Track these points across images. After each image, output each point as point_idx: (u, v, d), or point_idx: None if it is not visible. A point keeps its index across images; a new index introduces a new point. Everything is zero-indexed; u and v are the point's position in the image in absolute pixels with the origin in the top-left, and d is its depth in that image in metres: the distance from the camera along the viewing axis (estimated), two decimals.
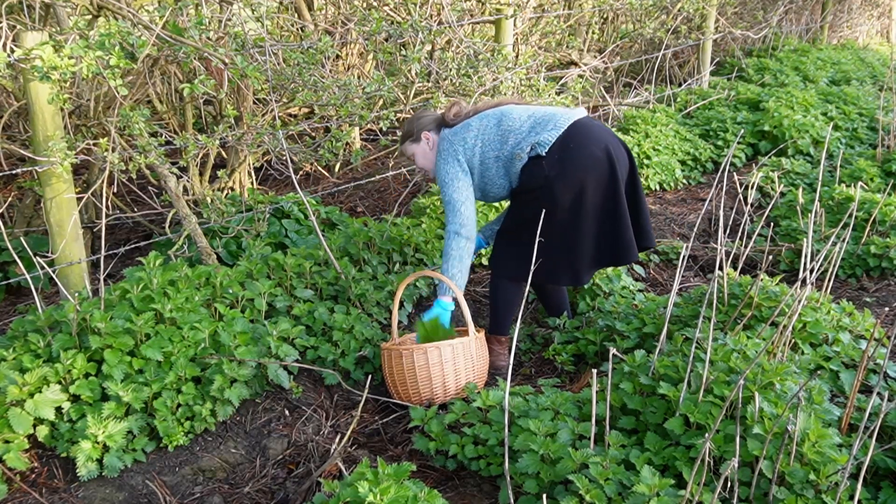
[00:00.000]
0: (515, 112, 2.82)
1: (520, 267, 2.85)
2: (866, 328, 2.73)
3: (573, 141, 2.70)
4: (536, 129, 2.74)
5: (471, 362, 2.74)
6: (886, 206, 3.81)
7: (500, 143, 2.78)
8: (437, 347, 2.67)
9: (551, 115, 2.77)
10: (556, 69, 5.92)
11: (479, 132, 2.82)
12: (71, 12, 3.17)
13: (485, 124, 2.82)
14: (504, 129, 2.79)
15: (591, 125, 2.78)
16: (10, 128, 3.55)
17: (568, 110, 2.82)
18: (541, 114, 2.80)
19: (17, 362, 2.35)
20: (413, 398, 2.70)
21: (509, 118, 2.80)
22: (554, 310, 3.22)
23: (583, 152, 2.69)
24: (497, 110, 2.87)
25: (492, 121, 2.82)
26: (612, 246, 2.80)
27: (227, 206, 3.49)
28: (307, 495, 2.26)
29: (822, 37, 9.11)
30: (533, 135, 2.73)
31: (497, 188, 2.86)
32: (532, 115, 2.80)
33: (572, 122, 2.74)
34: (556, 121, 2.74)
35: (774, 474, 1.85)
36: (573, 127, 2.73)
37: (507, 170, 2.80)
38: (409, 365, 2.66)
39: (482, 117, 2.86)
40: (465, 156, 2.81)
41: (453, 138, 2.84)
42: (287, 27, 4.92)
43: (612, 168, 2.70)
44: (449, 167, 2.81)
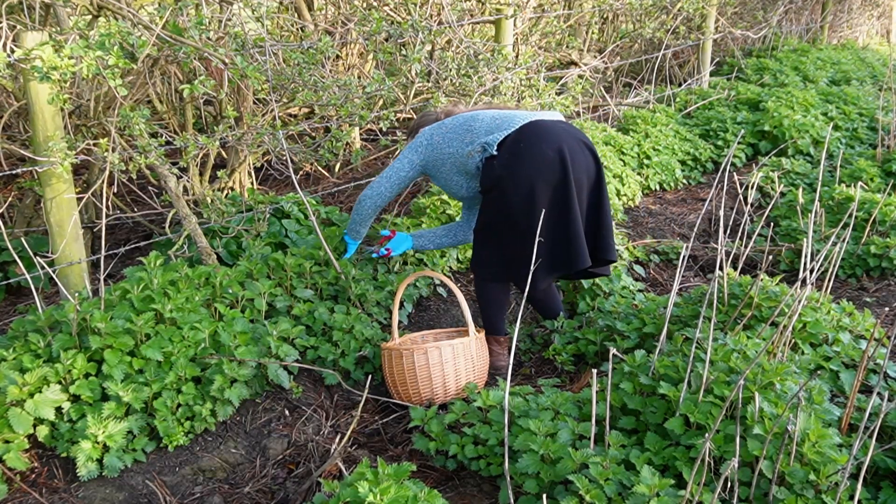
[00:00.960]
0: (485, 114, 2.85)
1: (497, 265, 2.87)
2: (866, 328, 2.73)
3: (524, 140, 2.69)
4: (492, 128, 2.76)
5: (471, 362, 2.74)
6: (886, 206, 3.81)
7: (459, 141, 2.82)
8: (437, 347, 2.67)
9: (511, 116, 2.78)
10: (556, 69, 5.92)
11: (447, 129, 2.88)
12: (71, 12, 3.16)
13: (454, 122, 2.89)
14: (467, 128, 2.83)
15: (549, 126, 2.73)
16: (10, 128, 3.55)
17: (534, 112, 2.82)
18: (504, 115, 2.81)
19: (17, 362, 2.35)
20: (413, 398, 2.71)
21: (476, 119, 2.84)
22: (548, 313, 3.21)
23: (532, 151, 2.66)
24: (473, 112, 2.93)
25: (460, 119, 2.88)
26: (562, 249, 2.74)
27: (227, 206, 3.49)
28: (307, 495, 2.26)
29: (822, 37, 9.11)
30: (486, 134, 2.76)
31: (454, 185, 2.92)
32: (496, 117, 2.81)
33: (528, 122, 2.73)
34: (513, 121, 2.74)
35: (774, 474, 1.85)
36: (527, 127, 2.72)
37: (460, 168, 2.84)
38: (409, 365, 2.67)
39: (456, 117, 2.92)
40: (427, 151, 2.89)
41: (425, 132, 2.93)
42: (287, 27, 4.92)
43: (563, 169, 2.64)
44: (404, 157, 2.92)
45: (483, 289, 2.97)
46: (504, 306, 3.01)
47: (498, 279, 2.92)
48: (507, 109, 2.96)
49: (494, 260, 2.86)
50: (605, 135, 5.03)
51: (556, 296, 3.22)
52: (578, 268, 2.76)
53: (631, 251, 3.90)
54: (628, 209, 4.67)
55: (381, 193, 2.96)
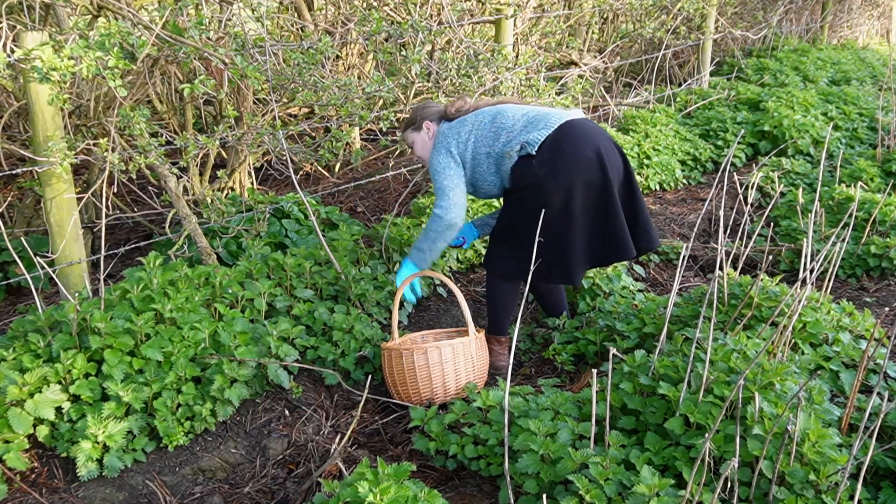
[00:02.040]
0: (511, 111, 2.84)
1: (514, 266, 2.86)
2: (866, 328, 2.73)
3: (565, 141, 2.70)
4: (528, 127, 2.76)
5: (471, 362, 2.74)
6: (886, 206, 3.81)
7: (493, 140, 2.80)
8: (437, 347, 2.67)
9: (545, 115, 2.78)
10: (556, 69, 5.92)
11: (474, 127, 2.85)
12: (71, 12, 3.16)
13: (479, 120, 2.86)
14: (497, 125, 2.81)
15: (583, 126, 2.78)
16: (10, 128, 3.55)
17: (563, 111, 2.83)
18: (535, 113, 2.81)
19: (17, 362, 2.35)
20: (413, 398, 2.71)
21: (504, 116, 2.82)
22: (552, 310, 3.22)
23: (574, 152, 2.68)
24: (494, 108, 2.90)
25: (487, 117, 2.85)
26: (605, 245, 2.79)
27: (227, 206, 3.49)
28: (307, 495, 2.26)
29: (822, 37, 9.11)
30: (524, 133, 2.75)
31: (488, 185, 2.88)
32: (526, 114, 2.82)
33: (564, 122, 2.74)
34: (549, 120, 2.75)
35: (774, 474, 1.85)
36: (565, 127, 2.73)
37: (497, 167, 2.82)
38: (409, 365, 2.67)
39: (478, 114, 2.89)
40: (458, 149, 2.85)
41: (448, 132, 2.88)
42: (287, 27, 4.92)
43: (602, 169, 2.69)
44: (441, 157, 2.85)
45: (495, 287, 2.96)
46: (512, 307, 3.01)
47: (516, 277, 2.92)
48: (524, 105, 2.95)
49: (514, 258, 2.84)
50: None
51: (564, 294, 3.23)
52: (624, 258, 2.83)
53: None
54: None
55: (461, 203, 2.84)
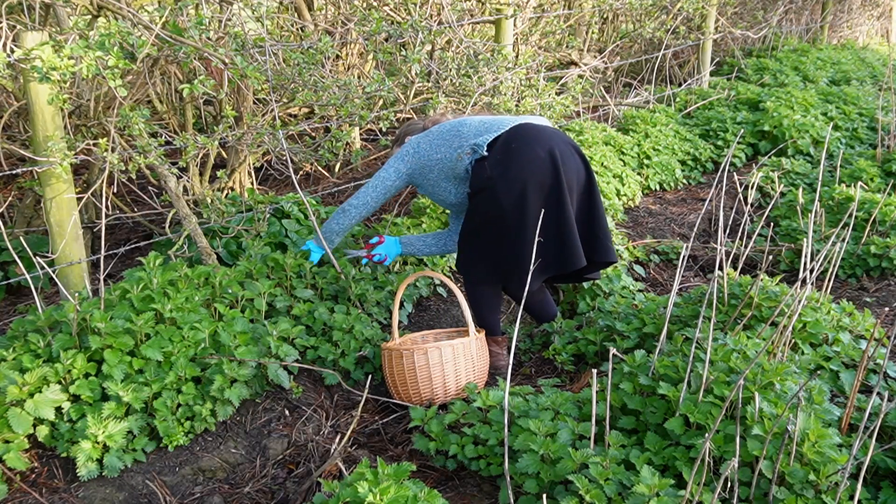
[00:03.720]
0: (473, 120, 2.86)
1: (484, 270, 2.87)
2: (866, 328, 2.73)
3: (515, 141, 2.70)
4: (481, 131, 2.76)
5: (471, 363, 2.74)
6: (886, 206, 3.81)
7: (448, 147, 2.81)
8: (437, 348, 2.67)
9: (500, 120, 2.80)
10: (556, 69, 5.92)
11: (434, 136, 2.87)
12: (71, 12, 3.16)
13: (441, 129, 2.89)
14: (455, 133, 2.83)
15: (538, 128, 2.76)
16: (10, 128, 3.55)
17: (521, 116, 2.84)
18: (492, 120, 2.82)
19: (17, 362, 2.35)
20: (413, 398, 2.71)
21: (465, 125, 2.84)
22: (543, 317, 3.20)
23: (524, 152, 2.67)
24: (460, 118, 2.93)
25: (448, 126, 2.88)
26: (554, 251, 2.74)
27: (227, 206, 3.49)
28: (307, 495, 2.26)
29: (822, 37, 9.11)
30: (476, 137, 2.75)
31: (443, 192, 2.90)
32: (484, 121, 2.82)
33: (517, 124, 2.74)
34: (502, 124, 2.76)
35: (774, 474, 1.85)
36: (518, 128, 2.73)
37: (449, 173, 2.83)
38: (410, 365, 2.67)
39: (443, 124, 2.92)
40: (414, 159, 2.88)
41: (412, 142, 2.93)
42: (287, 27, 4.92)
43: (555, 170, 2.66)
44: (390, 167, 2.91)
45: (473, 291, 2.96)
46: (497, 306, 3.00)
47: (488, 282, 2.91)
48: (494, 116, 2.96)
49: (484, 262, 2.85)
50: (605, 135, 5.03)
51: (550, 299, 3.21)
52: (573, 268, 2.76)
53: (631, 251, 3.90)
54: (628, 209, 4.67)
55: (367, 203, 2.95)
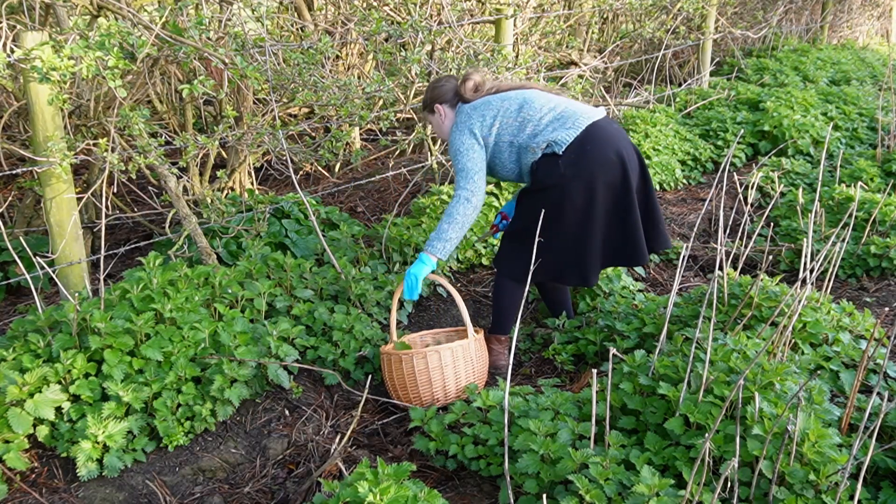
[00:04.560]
0: (537, 101, 2.80)
1: (524, 267, 2.84)
2: (866, 328, 2.73)
3: (590, 142, 2.71)
4: (555, 124, 2.74)
5: (470, 365, 2.74)
6: (886, 206, 3.81)
7: (518, 130, 2.77)
8: (436, 352, 2.67)
9: (571, 113, 2.76)
10: (556, 69, 5.92)
11: (499, 113, 2.80)
12: (71, 12, 3.16)
13: (506, 106, 2.80)
14: (524, 116, 2.78)
15: (608, 128, 2.78)
16: (10, 128, 3.55)
17: (588, 109, 2.81)
18: (562, 109, 2.78)
19: (17, 362, 2.35)
20: (413, 401, 2.71)
21: (531, 106, 2.78)
22: (555, 310, 3.22)
23: (598, 155, 2.70)
24: (520, 95, 2.84)
25: (513, 105, 2.80)
26: (622, 248, 2.81)
27: (227, 206, 3.49)
28: (307, 495, 2.26)
29: (822, 37, 9.11)
30: (550, 131, 2.73)
31: (505, 171, 2.86)
32: (553, 108, 2.78)
33: (591, 123, 2.74)
34: (576, 119, 2.74)
35: (774, 474, 1.85)
36: (592, 128, 2.73)
37: (518, 157, 2.80)
38: (409, 370, 2.67)
39: (504, 98, 2.83)
40: (482, 132, 2.80)
41: (472, 112, 2.83)
42: (287, 27, 4.92)
43: (624, 172, 2.72)
44: (464, 137, 2.79)
45: (504, 287, 2.95)
46: (518, 308, 2.96)
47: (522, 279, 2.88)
48: (549, 96, 2.87)
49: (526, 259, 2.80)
50: None
51: (568, 293, 3.22)
52: (637, 264, 2.86)
53: None
54: None
55: (483, 187, 2.80)
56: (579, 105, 2.84)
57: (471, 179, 2.76)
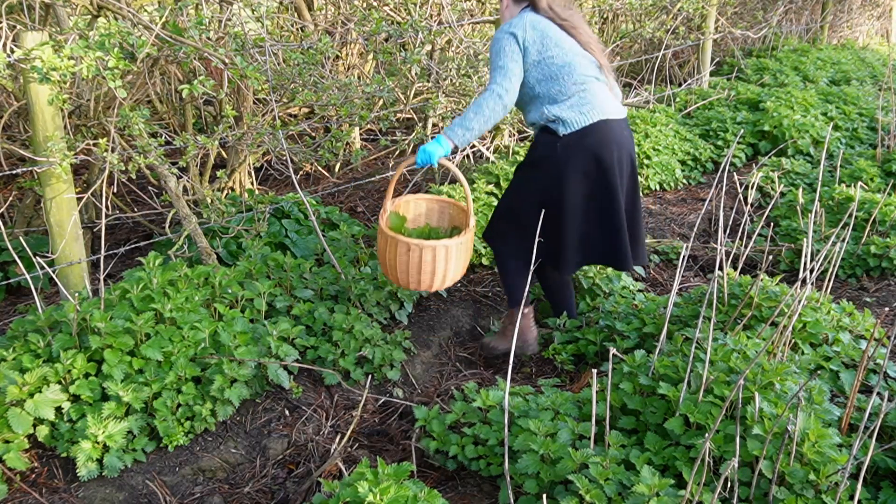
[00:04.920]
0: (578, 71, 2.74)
1: (516, 247, 2.89)
2: (866, 328, 2.73)
3: (593, 137, 2.72)
4: (573, 103, 2.73)
5: (463, 257, 2.77)
6: (886, 206, 3.81)
7: (547, 80, 2.73)
8: (432, 248, 2.67)
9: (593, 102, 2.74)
10: None
11: (546, 52, 2.73)
12: (71, 12, 3.16)
13: (555, 53, 2.73)
14: (560, 74, 2.73)
15: (618, 130, 2.78)
16: (10, 128, 3.55)
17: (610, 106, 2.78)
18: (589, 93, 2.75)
19: (17, 362, 2.35)
20: (400, 281, 2.76)
21: (571, 71, 2.73)
22: (556, 308, 3.22)
23: (596, 151, 2.72)
24: (572, 54, 2.75)
25: (561, 57, 2.74)
26: (602, 248, 2.84)
27: (227, 206, 3.49)
28: (307, 495, 2.26)
29: (822, 37, 9.11)
30: (567, 107, 2.72)
31: (521, 100, 2.82)
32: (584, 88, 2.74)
33: (603, 120, 2.74)
34: (593, 109, 2.73)
35: (774, 474, 1.85)
36: (602, 124, 2.74)
37: (530, 99, 2.79)
38: (403, 256, 2.70)
39: (560, 44, 2.74)
40: (524, 44, 2.72)
41: (531, 27, 2.74)
42: (287, 27, 4.92)
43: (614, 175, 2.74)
44: (512, 41, 2.72)
45: (506, 267, 3.00)
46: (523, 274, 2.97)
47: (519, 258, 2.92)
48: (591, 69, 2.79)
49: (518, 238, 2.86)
50: None
51: (571, 292, 3.21)
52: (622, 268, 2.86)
53: None
54: None
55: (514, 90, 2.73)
56: (605, 97, 2.80)
57: (507, 78, 2.70)
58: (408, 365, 3.02)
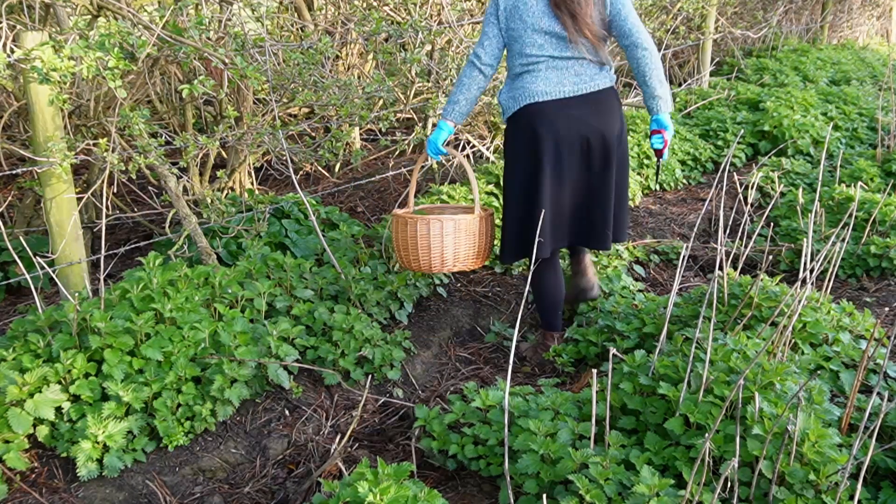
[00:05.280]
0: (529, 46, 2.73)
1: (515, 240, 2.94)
2: (866, 328, 2.73)
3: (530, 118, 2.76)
4: (511, 84, 2.82)
5: (472, 239, 2.90)
6: (886, 206, 3.81)
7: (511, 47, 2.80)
8: (439, 220, 2.85)
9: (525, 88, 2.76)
10: None
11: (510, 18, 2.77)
12: (71, 12, 3.16)
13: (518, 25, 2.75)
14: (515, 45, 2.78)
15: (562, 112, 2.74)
16: (10, 128, 3.55)
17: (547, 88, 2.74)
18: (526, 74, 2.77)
19: (17, 362, 2.35)
20: (412, 264, 2.95)
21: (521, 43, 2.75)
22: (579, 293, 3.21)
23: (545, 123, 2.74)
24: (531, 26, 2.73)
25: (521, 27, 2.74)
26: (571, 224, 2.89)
27: (227, 206, 3.49)
28: (307, 495, 2.26)
29: (822, 37, 9.11)
30: (507, 90, 2.83)
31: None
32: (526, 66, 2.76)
33: (536, 103, 2.74)
34: (524, 93, 2.77)
35: (774, 474, 1.85)
36: (535, 107, 2.74)
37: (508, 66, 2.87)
38: (412, 233, 2.88)
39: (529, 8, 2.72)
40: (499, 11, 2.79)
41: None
42: (287, 27, 4.92)
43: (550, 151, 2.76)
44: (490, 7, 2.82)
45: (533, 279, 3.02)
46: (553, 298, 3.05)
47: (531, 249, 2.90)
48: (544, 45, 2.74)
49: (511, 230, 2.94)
50: None
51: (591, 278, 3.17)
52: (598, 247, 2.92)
53: (631, 251, 3.90)
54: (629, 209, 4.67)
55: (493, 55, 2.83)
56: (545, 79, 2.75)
57: (480, 44, 2.84)
58: (408, 365, 3.02)
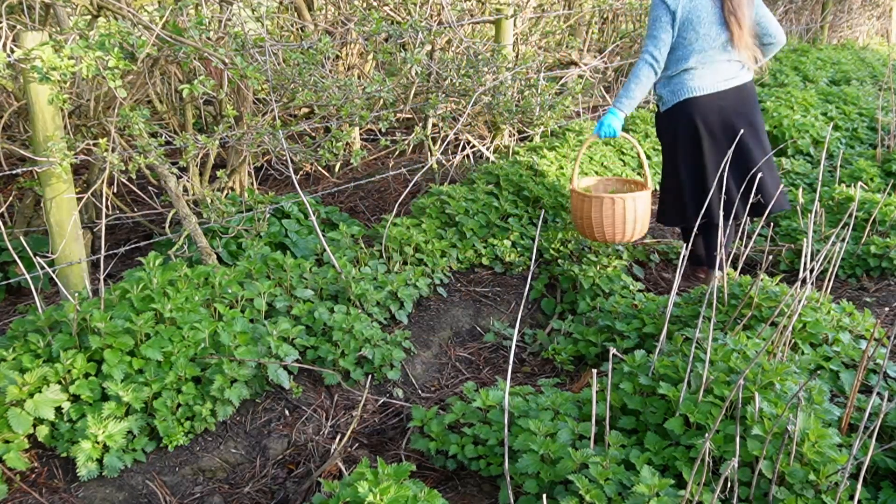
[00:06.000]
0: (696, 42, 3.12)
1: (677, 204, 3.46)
2: (866, 328, 2.73)
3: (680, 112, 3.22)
4: (685, 75, 3.17)
5: (644, 213, 3.27)
6: (886, 206, 3.81)
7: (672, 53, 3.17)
8: (629, 199, 3.21)
9: (689, 83, 3.18)
10: (556, 69, 5.92)
11: (690, 19, 3.09)
12: (71, 12, 3.16)
13: (699, 22, 3.10)
14: (679, 54, 3.17)
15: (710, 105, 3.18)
16: (10, 128, 3.55)
17: (715, 81, 3.17)
18: (697, 68, 3.17)
19: (17, 362, 2.35)
20: (596, 236, 3.29)
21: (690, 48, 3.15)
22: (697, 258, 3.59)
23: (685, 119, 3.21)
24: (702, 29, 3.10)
25: (701, 26, 3.09)
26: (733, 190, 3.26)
27: (227, 206, 3.49)
28: (307, 495, 2.26)
29: (822, 37, 9.11)
30: (698, 77, 3.16)
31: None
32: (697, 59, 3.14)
33: (695, 97, 3.17)
34: (688, 84, 3.18)
35: (774, 474, 1.85)
36: (691, 103, 3.18)
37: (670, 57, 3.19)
38: (597, 210, 3.23)
39: (703, 6, 3.07)
40: (674, 9, 3.07)
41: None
42: (287, 27, 4.92)
43: (719, 128, 3.18)
44: (661, 9, 3.09)
45: (701, 234, 3.43)
46: (711, 239, 3.41)
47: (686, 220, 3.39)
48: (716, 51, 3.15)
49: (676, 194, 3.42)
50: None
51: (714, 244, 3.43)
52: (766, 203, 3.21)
53: (631, 251, 3.90)
54: None
55: (662, 54, 3.15)
56: (713, 70, 3.17)
57: (657, 47, 3.12)
58: (408, 365, 3.02)
